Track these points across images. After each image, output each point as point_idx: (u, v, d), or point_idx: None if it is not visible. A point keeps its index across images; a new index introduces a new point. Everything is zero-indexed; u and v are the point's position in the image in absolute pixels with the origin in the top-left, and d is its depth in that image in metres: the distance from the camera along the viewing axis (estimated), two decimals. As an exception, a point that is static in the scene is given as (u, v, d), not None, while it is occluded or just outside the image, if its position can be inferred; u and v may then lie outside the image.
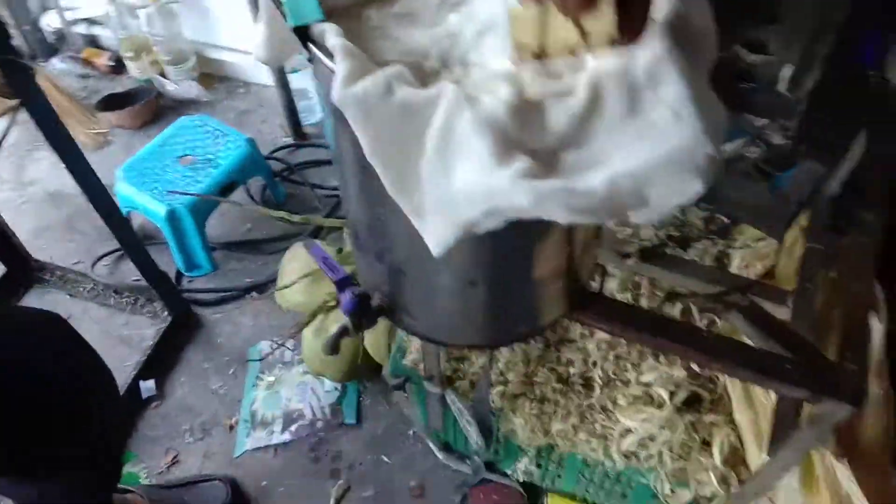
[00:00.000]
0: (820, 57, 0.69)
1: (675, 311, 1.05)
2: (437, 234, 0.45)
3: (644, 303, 1.05)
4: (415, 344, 1.13)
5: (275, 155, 1.99)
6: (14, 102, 1.06)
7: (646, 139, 0.42)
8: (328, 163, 1.99)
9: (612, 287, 1.08)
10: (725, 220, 1.22)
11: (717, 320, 1.04)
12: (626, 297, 1.06)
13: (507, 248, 0.57)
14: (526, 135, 0.42)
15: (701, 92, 0.47)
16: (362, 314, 0.67)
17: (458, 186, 0.42)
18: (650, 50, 0.42)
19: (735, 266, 1.08)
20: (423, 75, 0.48)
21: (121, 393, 1.49)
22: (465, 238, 0.45)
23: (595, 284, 0.82)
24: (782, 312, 0.93)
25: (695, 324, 1.02)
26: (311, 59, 0.46)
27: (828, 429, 0.70)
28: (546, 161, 0.42)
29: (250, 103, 2.18)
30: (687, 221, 1.22)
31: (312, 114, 2.08)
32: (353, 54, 0.43)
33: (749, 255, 1.09)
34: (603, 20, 0.42)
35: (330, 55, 0.44)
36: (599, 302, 0.72)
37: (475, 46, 0.49)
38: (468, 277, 0.59)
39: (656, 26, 0.43)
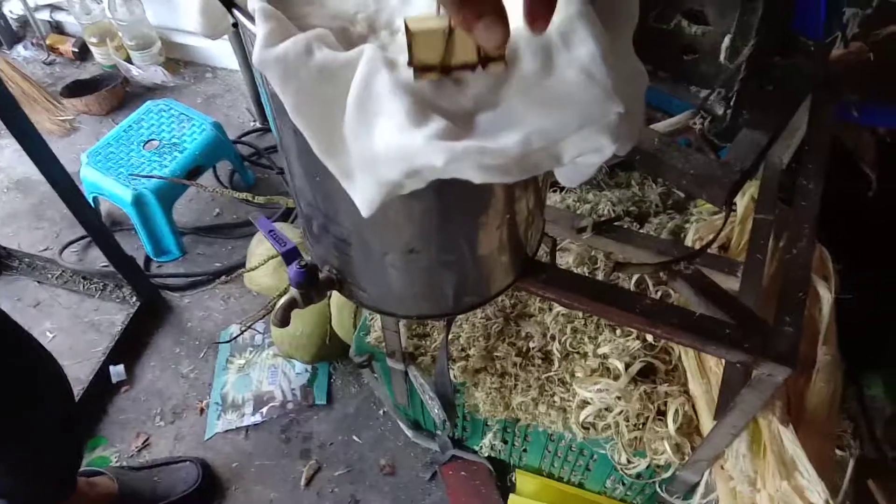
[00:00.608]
0: (753, 25, 0.70)
1: (629, 284, 1.07)
2: (364, 195, 0.46)
3: (600, 276, 1.07)
4: (378, 322, 1.14)
5: (243, 139, 1.98)
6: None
7: (559, 99, 0.42)
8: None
9: (568, 261, 1.09)
10: (682, 194, 1.24)
11: (672, 293, 1.06)
12: (581, 270, 1.08)
13: (443, 213, 0.57)
14: (442, 97, 0.43)
15: (619, 52, 0.48)
16: (310, 286, 0.68)
17: (378, 147, 0.42)
18: (563, 11, 0.43)
19: (689, 239, 1.10)
20: (350, 40, 0.49)
21: (90, 378, 1.49)
22: (391, 198, 0.46)
23: (545, 257, 0.83)
24: (732, 282, 0.95)
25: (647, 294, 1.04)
26: (236, 25, 0.47)
27: (769, 391, 0.72)
28: (462, 122, 0.42)
29: (217, 88, 2.17)
30: (645, 197, 1.24)
31: (282, 98, 2.06)
32: (275, 17, 0.43)
33: (703, 227, 1.11)
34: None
35: (252, 19, 0.44)
36: (545, 271, 0.74)
37: (401, 11, 0.49)
38: (407, 245, 0.60)
39: (571, -11, 0.44)
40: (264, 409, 1.49)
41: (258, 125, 2.03)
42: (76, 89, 2.06)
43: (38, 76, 2.18)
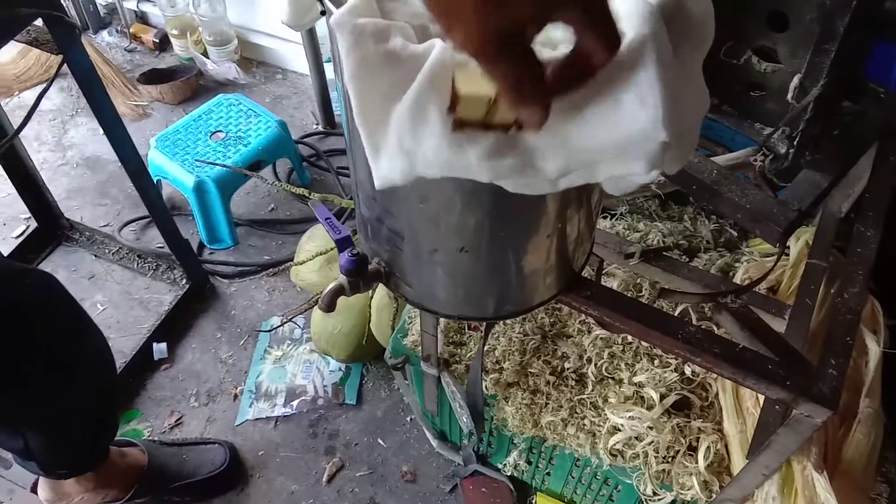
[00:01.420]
0: (825, 67, 0.70)
1: (674, 314, 1.07)
2: (385, 172, 0.48)
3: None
4: (416, 326, 1.15)
5: (304, 140, 2.04)
6: (58, 58, 1.11)
7: (606, 119, 0.44)
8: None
9: (613, 286, 1.09)
10: (734, 233, 1.23)
11: (715, 328, 1.05)
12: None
13: (498, 218, 0.59)
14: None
15: (685, 75, 0.49)
16: (359, 275, 0.70)
17: (426, 149, 0.44)
18: (637, 29, 0.44)
19: (738, 277, 1.09)
20: (428, 37, 0.51)
21: (133, 352, 1.54)
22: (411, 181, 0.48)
23: (590, 277, 0.84)
24: (778, 324, 0.94)
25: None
26: (324, 12, 0.49)
27: (807, 433, 0.71)
28: (507, 137, 0.44)
29: (286, 89, 2.23)
30: (696, 233, 1.23)
31: (345, 104, 2.12)
32: (366, 1, 0.46)
33: (753, 268, 1.10)
34: None
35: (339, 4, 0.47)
36: (589, 287, 0.74)
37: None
38: (458, 245, 0.62)
39: (649, 7, 0.45)
40: (295, 402, 1.52)
41: (321, 128, 2.09)
42: (152, 77, 2.15)
43: (118, 61, 2.28)
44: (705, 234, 1.21)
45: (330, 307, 0.71)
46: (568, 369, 1.06)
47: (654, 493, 0.99)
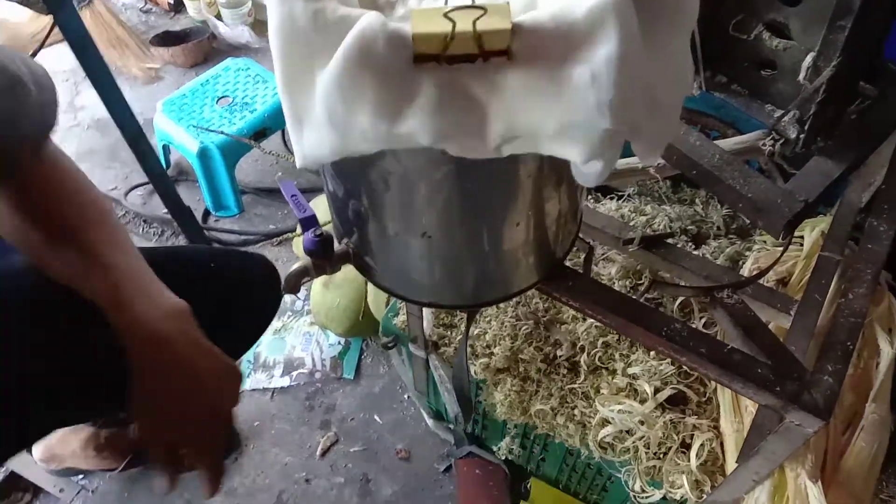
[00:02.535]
0: (839, 45, 0.63)
1: (673, 307, 1.01)
2: (310, 148, 0.44)
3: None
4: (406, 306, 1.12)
5: (315, 108, 1.99)
6: (49, 20, 1.08)
7: (553, 95, 0.39)
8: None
9: (610, 272, 1.04)
10: (747, 220, 1.17)
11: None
12: (623, 284, 1.03)
13: (460, 201, 0.55)
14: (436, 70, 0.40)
15: (665, 53, 0.44)
16: (323, 257, 0.66)
17: (356, 119, 0.40)
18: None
19: (746, 268, 1.03)
20: (376, 7, 0.46)
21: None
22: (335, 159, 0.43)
23: (575, 263, 0.79)
24: (783, 320, 0.88)
25: (691, 322, 0.98)
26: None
27: (797, 442, 0.66)
28: (451, 92, 0.40)
29: (301, 55, 2.19)
30: (707, 218, 1.17)
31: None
32: None
33: (764, 257, 1.04)
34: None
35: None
36: (572, 277, 0.70)
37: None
38: (421, 229, 0.57)
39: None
40: (293, 374, 1.50)
41: (332, 95, 2.04)
42: (166, 39, 2.13)
43: (132, 22, 2.25)
44: (716, 219, 1.14)
45: (293, 288, 0.68)
46: (560, 357, 1.02)
47: (643, 490, 0.95)
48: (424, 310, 0.98)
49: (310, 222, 0.66)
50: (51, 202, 0.66)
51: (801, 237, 1.10)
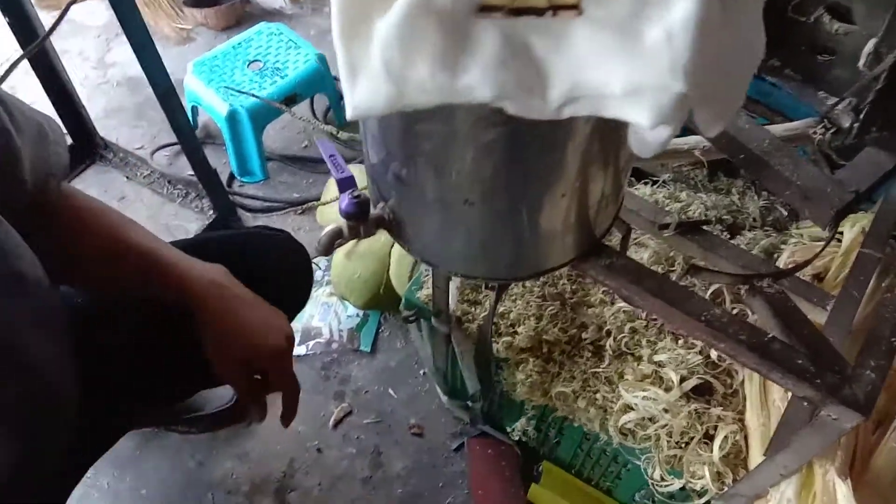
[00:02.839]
0: (907, 29, 0.61)
1: (706, 294, 0.99)
2: (362, 100, 0.42)
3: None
4: (431, 279, 1.11)
5: (345, 78, 1.98)
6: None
7: (622, 54, 0.37)
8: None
9: (643, 257, 1.02)
10: (784, 212, 1.14)
11: (750, 314, 0.98)
12: (656, 269, 1.01)
13: (508, 167, 0.53)
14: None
15: (736, 22, 0.41)
16: (359, 219, 0.65)
17: (415, 70, 0.38)
18: None
19: (782, 261, 1.01)
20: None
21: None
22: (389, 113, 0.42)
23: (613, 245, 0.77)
24: (819, 315, 0.86)
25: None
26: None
27: (832, 437, 0.64)
28: (513, 44, 0.38)
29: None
30: (743, 208, 1.14)
31: (391, 43, 2.05)
32: None
33: (801, 251, 1.02)
34: None
35: None
36: (609, 255, 0.68)
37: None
38: (463, 196, 0.56)
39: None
40: (310, 343, 1.50)
41: (363, 66, 2.02)
42: (199, 1, 2.11)
43: None
44: (753, 210, 1.12)
45: (327, 250, 0.67)
46: (585, 340, 1.00)
47: (662, 479, 0.93)
48: (452, 284, 0.97)
49: (348, 183, 0.64)
50: (88, 227, 0.75)
51: (839, 233, 1.07)
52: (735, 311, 0.97)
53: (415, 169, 0.57)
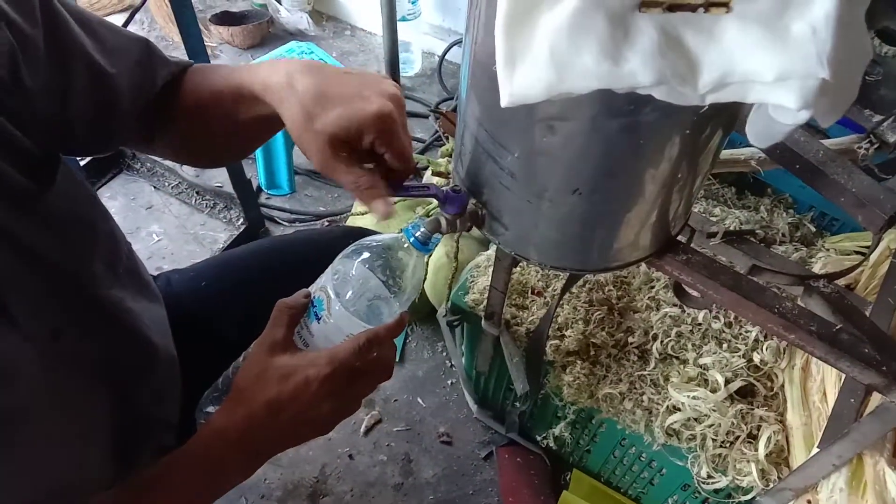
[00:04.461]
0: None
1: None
2: (521, 87, 0.46)
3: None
4: (478, 284, 1.15)
5: (369, 97, 2.03)
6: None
7: (771, 44, 0.42)
8: (419, 115, 2.03)
9: (687, 265, 1.07)
10: (812, 228, 1.21)
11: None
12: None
13: (622, 157, 0.58)
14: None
15: (850, 23, 0.47)
16: (459, 212, 0.69)
17: (580, 57, 0.43)
18: None
19: (817, 271, 1.07)
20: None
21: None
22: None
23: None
24: (859, 320, 0.92)
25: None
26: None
27: (892, 423, 0.69)
28: (668, 35, 0.43)
29: (353, 46, 2.23)
30: (772, 224, 1.21)
31: (410, 66, 2.11)
32: None
33: (831, 263, 1.08)
34: None
35: None
36: (686, 252, 0.73)
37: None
38: (575, 184, 0.61)
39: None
40: (339, 353, 1.52)
41: (385, 88, 2.08)
42: (224, 19, 2.16)
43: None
44: (782, 226, 1.18)
45: (426, 242, 0.71)
46: (631, 344, 1.05)
47: (709, 476, 0.97)
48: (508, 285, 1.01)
49: (452, 193, 0.69)
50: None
51: (862, 247, 1.14)
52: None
53: (526, 161, 0.62)
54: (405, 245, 0.71)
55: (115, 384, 0.67)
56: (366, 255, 0.72)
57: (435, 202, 0.70)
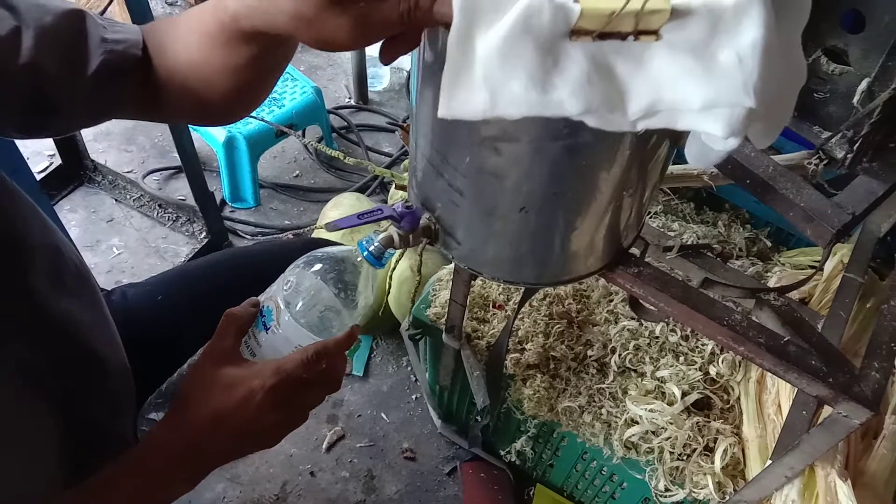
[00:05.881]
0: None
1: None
2: (457, 104, 0.46)
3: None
4: (439, 298, 1.15)
5: (338, 111, 2.03)
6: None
7: (698, 73, 0.43)
8: (387, 130, 2.03)
9: (645, 279, 1.08)
10: (768, 243, 1.23)
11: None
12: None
13: (568, 175, 0.58)
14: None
15: (784, 47, 0.48)
16: (410, 228, 0.69)
17: (510, 83, 0.43)
18: None
19: (772, 285, 1.08)
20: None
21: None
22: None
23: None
24: (811, 333, 0.93)
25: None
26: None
27: (841, 434, 0.70)
28: (598, 64, 0.43)
29: (321, 61, 2.23)
30: (729, 239, 1.22)
31: (379, 81, 2.12)
32: None
33: (786, 277, 1.10)
34: None
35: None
36: (638, 264, 0.73)
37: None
38: (521, 202, 0.61)
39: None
40: (302, 368, 1.51)
41: (352, 102, 2.08)
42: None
43: (157, 13, 2.27)
44: (739, 241, 1.20)
45: (380, 256, 0.70)
46: (591, 357, 1.06)
47: (666, 490, 0.98)
48: (468, 300, 1.01)
49: (405, 211, 0.68)
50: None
51: (817, 262, 1.16)
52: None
53: (474, 179, 0.62)
54: (358, 259, 0.71)
55: (64, 396, 0.65)
56: (318, 266, 0.71)
57: None
